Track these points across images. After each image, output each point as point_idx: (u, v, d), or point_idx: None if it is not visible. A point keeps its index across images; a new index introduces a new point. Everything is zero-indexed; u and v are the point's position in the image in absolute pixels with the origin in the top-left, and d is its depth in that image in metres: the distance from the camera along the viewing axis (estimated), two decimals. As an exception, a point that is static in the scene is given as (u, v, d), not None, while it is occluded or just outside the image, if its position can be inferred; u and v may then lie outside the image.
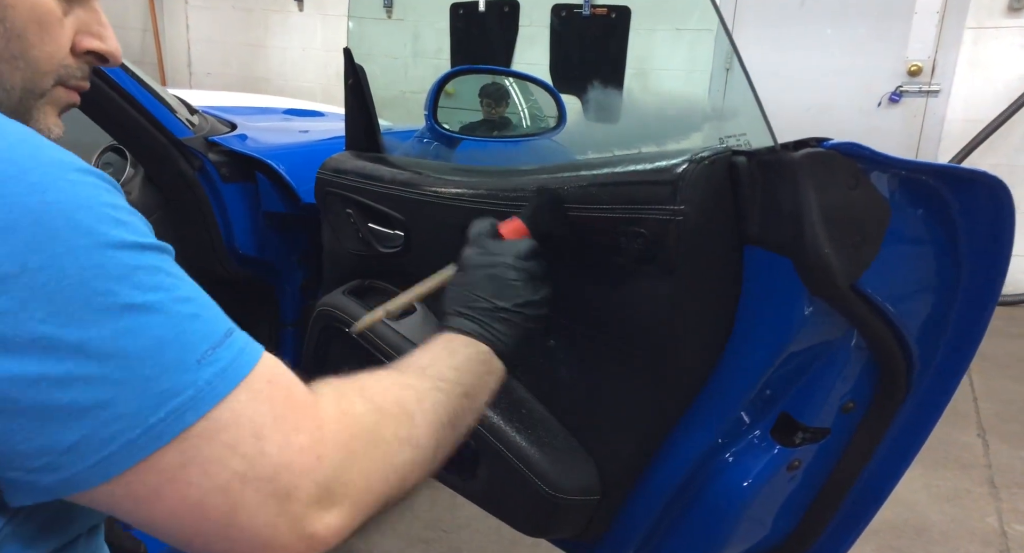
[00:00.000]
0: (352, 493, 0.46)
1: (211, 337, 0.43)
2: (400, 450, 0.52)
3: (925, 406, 0.78)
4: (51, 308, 0.37)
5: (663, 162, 0.67)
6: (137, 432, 0.39)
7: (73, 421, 0.38)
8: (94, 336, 0.38)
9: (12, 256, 0.37)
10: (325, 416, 0.47)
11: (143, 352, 0.39)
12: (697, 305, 0.70)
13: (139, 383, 0.39)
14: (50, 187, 0.39)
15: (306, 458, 0.44)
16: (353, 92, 1.14)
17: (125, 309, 0.39)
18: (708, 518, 0.82)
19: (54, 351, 0.37)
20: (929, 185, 0.62)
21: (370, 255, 1.15)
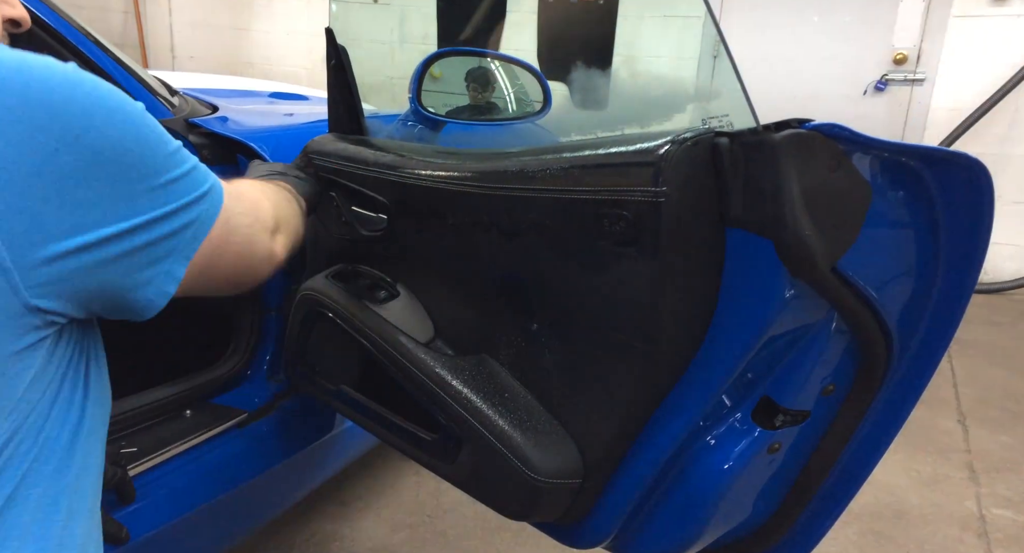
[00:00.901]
0: (284, 225, 0.82)
1: (200, 179, 0.61)
2: (295, 214, 0.92)
3: (904, 388, 0.79)
4: (126, 174, 0.54)
5: (645, 144, 0.66)
6: (201, 214, 0.60)
7: (168, 221, 0.58)
8: (162, 176, 0.57)
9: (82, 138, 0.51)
10: (252, 187, 0.82)
11: (191, 180, 0.60)
12: (679, 287, 0.70)
13: (196, 189, 0.60)
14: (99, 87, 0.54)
15: (263, 205, 0.77)
16: (335, 73, 1.13)
17: (171, 154, 0.58)
18: (689, 500, 0.83)
19: (139, 193, 0.55)
20: (909, 167, 0.62)
21: (354, 239, 1.14)
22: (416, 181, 0.96)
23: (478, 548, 1.68)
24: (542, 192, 0.78)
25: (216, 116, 1.43)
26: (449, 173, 0.91)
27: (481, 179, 0.85)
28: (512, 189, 0.81)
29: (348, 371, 1.17)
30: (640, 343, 0.75)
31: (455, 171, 0.90)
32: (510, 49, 2.81)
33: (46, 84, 0.48)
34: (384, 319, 1.04)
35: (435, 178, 0.93)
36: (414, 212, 1.00)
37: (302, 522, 1.75)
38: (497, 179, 0.83)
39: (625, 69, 2.90)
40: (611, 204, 0.69)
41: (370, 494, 1.88)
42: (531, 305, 0.88)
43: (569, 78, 1.56)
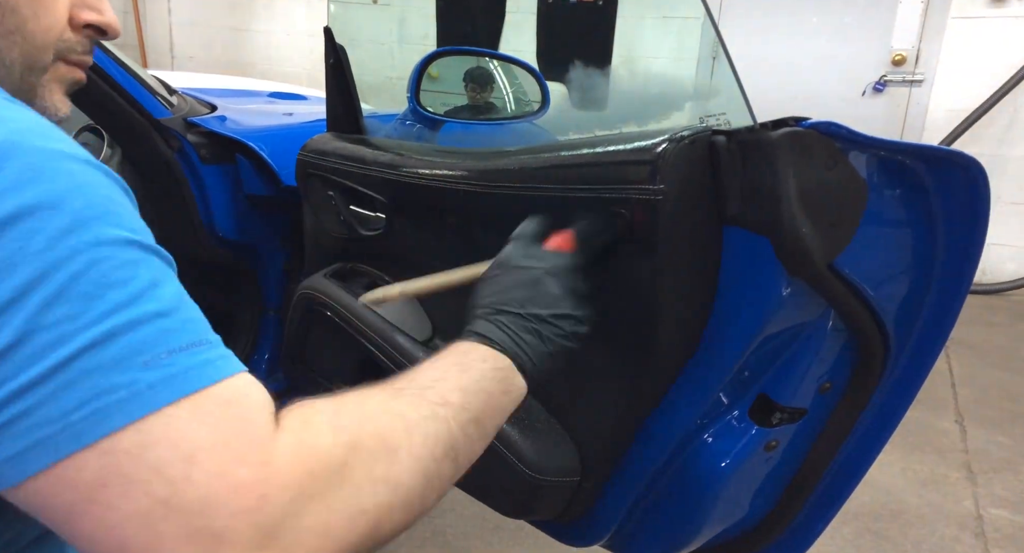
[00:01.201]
0: (306, 540, 0.39)
1: (171, 341, 0.39)
2: (373, 491, 0.44)
3: (900, 387, 0.79)
4: (10, 282, 0.36)
5: (642, 142, 0.66)
6: (56, 427, 0.35)
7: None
8: (38, 321, 0.36)
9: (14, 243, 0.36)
10: (280, 449, 0.40)
11: (84, 343, 0.36)
12: (677, 285, 0.70)
13: (74, 377, 0.36)
14: (77, 174, 0.39)
15: (244, 496, 0.37)
16: (334, 72, 1.13)
17: (82, 296, 0.37)
18: (687, 499, 0.83)
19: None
20: (906, 165, 0.63)
21: (352, 238, 1.14)
22: (415, 180, 0.96)
23: (476, 547, 1.68)
24: (540, 190, 0.78)
25: (215, 115, 1.44)
26: (448, 172, 0.91)
27: (480, 177, 0.86)
28: (510, 187, 0.82)
29: (346, 370, 1.17)
30: (638, 341, 0.75)
31: (454, 170, 0.90)
32: (509, 50, 2.81)
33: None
34: (382, 318, 1.04)
35: (434, 177, 0.93)
36: (413, 211, 1.01)
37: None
38: (496, 177, 0.83)
39: (624, 69, 2.90)
40: (609, 202, 0.69)
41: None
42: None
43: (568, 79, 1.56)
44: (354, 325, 1.06)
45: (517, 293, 0.64)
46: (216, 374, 0.40)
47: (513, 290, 0.64)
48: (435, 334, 1.06)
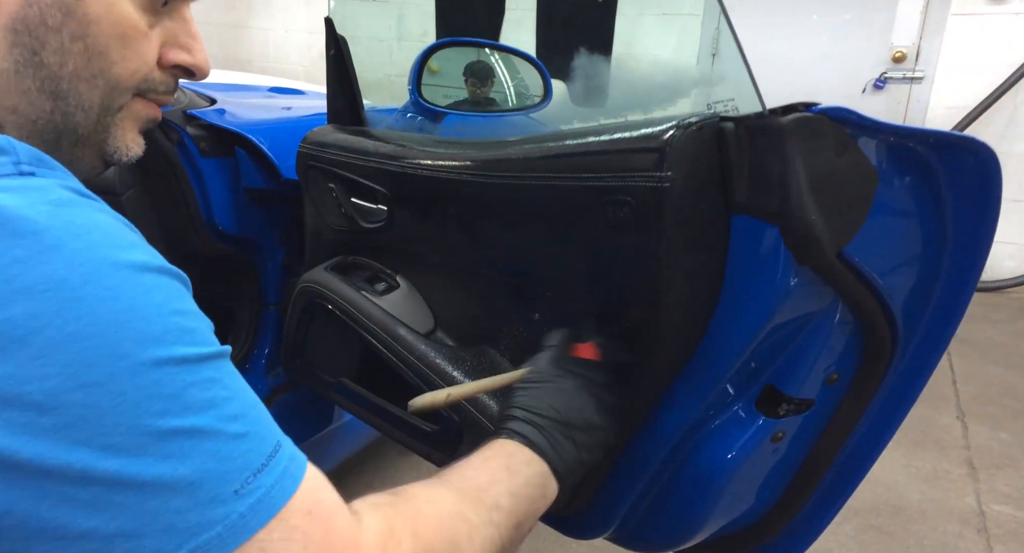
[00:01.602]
0: None
1: (255, 461, 0.40)
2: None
3: (908, 378, 0.78)
4: (96, 430, 0.35)
5: (649, 129, 0.66)
6: (203, 536, 0.37)
7: (94, 547, 0.36)
8: (134, 465, 0.36)
9: (70, 368, 0.35)
10: (373, 534, 0.44)
11: (180, 483, 0.37)
12: (683, 275, 0.69)
13: (168, 516, 0.36)
14: (123, 294, 0.38)
15: None
16: (335, 63, 1.12)
17: (171, 434, 0.37)
18: (692, 491, 0.82)
19: (88, 477, 0.35)
20: (916, 151, 0.62)
21: (353, 230, 1.13)
22: (417, 171, 0.95)
23: (477, 543, 1.68)
24: (544, 180, 0.77)
25: (214, 108, 1.43)
26: (450, 162, 0.90)
27: (483, 168, 0.85)
28: (514, 177, 0.81)
29: (347, 363, 1.16)
30: (643, 332, 0.74)
31: (456, 160, 0.90)
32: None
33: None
34: (384, 310, 1.03)
35: (436, 168, 0.93)
36: (414, 202, 1.00)
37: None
38: (499, 168, 0.83)
39: (627, 58, 2.87)
40: (614, 191, 0.68)
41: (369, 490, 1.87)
42: (533, 295, 0.87)
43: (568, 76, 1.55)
44: (356, 318, 1.05)
45: (556, 401, 0.68)
46: (293, 484, 0.41)
47: (552, 397, 0.69)
48: (437, 326, 1.06)
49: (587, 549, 1.65)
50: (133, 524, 0.36)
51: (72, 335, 0.35)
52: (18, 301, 0.35)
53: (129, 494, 0.36)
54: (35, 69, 0.47)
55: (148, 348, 0.37)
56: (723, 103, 0.64)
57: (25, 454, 0.34)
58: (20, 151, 0.41)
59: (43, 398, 0.34)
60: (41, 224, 0.37)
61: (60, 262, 0.36)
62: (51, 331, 0.35)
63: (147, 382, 0.37)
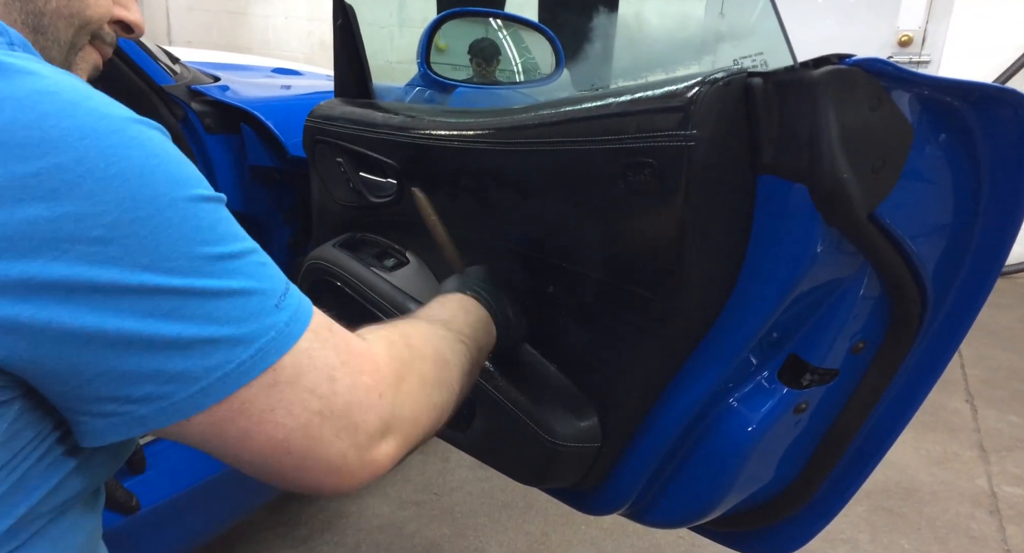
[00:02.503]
0: (404, 426, 0.52)
1: (280, 284, 0.46)
2: (440, 391, 0.59)
3: (935, 349, 0.76)
4: (156, 256, 0.40)
5: (673, 86, 0.63)
6: (231, 366, 0.43)
7: (178, 352, 0.41)
8: (198, 282, 0.42)
9: (123, 205, 0.40)
10: (380, 360, 0.52)
11: (238, 294, 0.43)
12: (705, 240, 0.67)
13: (233, 324, 0.43)
14: (146, 142, 0.42)
15: (371, 396, 0.49)
16: (342, 34, 1.10)
17: (218, 258, 0.43)
18: (711, 465, 0.80)
19: (163, 291, 0.41)
20: (952, 106, 0.60)
21: (361, 206, 1.11)
22: (428, 142, 0.93)
23: (485, 525, 1.66)
24: (561, 145, 0.75)
25: (218, 85, 1.41)
26: (463, 131, 0.88)
27: (496, 135, 0.83)
28: (529, 144, 0.79)
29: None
30: (663, 300, 0.72)
31: (469, 129, 0.87)
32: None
33: (43, 120, 0.39)
34: (394, 286, 1.01)
35: (448, 137, 0.90)
36: (425, 174, 0.98)
37: (309, 500, 1.73)
38: (513, 134, 0.80)
39: (636, 21, 2.79)
40: (635, 152, 0.66)
41: (375, 473, 1.86)
42: (548, 266, 0.85)
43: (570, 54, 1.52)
44: (366, 295, 1.03)
45: (487, 283, 0.84)
46: (309, 307, 0.49)
47: (485, 280, 0.84)
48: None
49: (596, 529, 1.64)
50: (207, 330, 0.42)
51: (116, 176, 0.40)
52: (62, 149, 0.39)
53: (203, 301, 0.42)
54: (23, 3, 0.52)
55: (180, 187, 0.43)
56: (751, 57, 0.62)
57: (104, 278, 0.39)
58: (12, 34, 0.47)
59: (104, 232, 0.39)
60: (56, 82, 0.41)
61: (85, 116, 0.40)
62: (98, 173, 0.39)
63: (187, 215, 0.42)
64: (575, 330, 0.84)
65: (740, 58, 0.63)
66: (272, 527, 1.64)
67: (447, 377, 0.61)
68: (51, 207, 0.38)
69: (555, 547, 1.59)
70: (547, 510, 1.68)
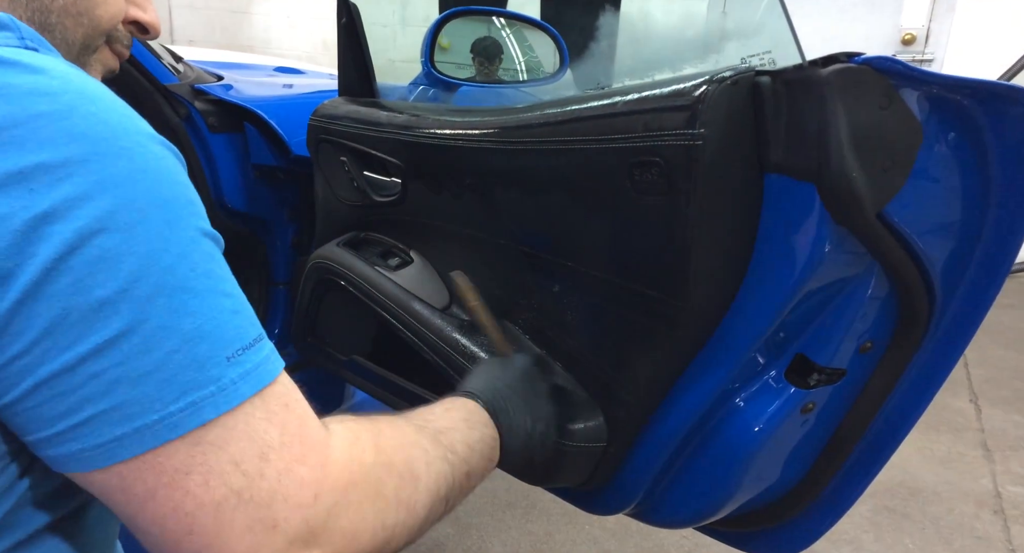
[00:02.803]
0: (337, 541, 0.44)
1: (244, 338, 0.42)
2: (396, 510, 0.49)
3: (942, 349, 0.76)
4: (113, 272, 0.37)
5: (680, 85, 0.63)
6: (154, 418, 0.38)
7: (98, 394, 0.37)
8: (144, 312, 0.38)
9: (95, 214, 0.37)
10: (333, 457, 0.44)
11: (182, 337, 0.39)
12: (713, 239, 0.67)
13: (170, 369, 0.38)
14: (138, 155, 0.40)
15: (303, 493, 0.42)
16: (346, 32, 1.10)
17: (176, 290, 0.39)
18: (717, 465, 0.80)
19: (102, 319, 0.37)
20: (961, 104, 0.59)
21: (365, 205, 1.11)
22: (432, 141, 0.93)
23: (488, 524, 1.66)
24: (567, 144, 0.75)
25: (221, 84, 1.40)
26: (468, 131, 0.88)
27: (502, 134, 0.82)
28: (535, 143, 0.79)
29: (360, 341, 1.15)
30: (669, 300, 0.72)
31: (474, 128, 0.87)
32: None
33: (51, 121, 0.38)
34: (398, 285, 1.01)
35: (453, 137, 0.90)
36: (430, 173, 0.97)
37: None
38: (519, 133, 0.80)
39: (640, 18, 2.77)
40: (642, 151, 0.66)
41: (378, 473, 1.86)
42: (553, 265, 0.85)
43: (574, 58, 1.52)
44: (370, 294, 1.03)
45: (523, 386, 0.75)
46: (275, 370, 0.43)
47: (515, 377, 0.76)
48: (452, 301, 1.04)
49: (599, 529, 1.64)
50: (137, 371, 0.37)
51: (97, 184, 0.38)
52: (48, 149, 0.37)
53: (137, 340, 0.38)
54: (28, 0, 0.50)
55: (166, 207, 0.40)
56: (759, 56, 0.62)
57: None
58: (23, 29, 0.44)
59: (73, 237, 0.37)
60: (64, 83, 0.39)
61: (80, 120, 0.38)
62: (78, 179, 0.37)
63: (162, 238, 0.39)
64: (581, 329, 0.84)
65: (748, 56, 0.62)
66: (275, 526, 1.64)
67: (410, 497, 0.51)
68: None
69: (558, 547, 1.59)
70: (550, 510, 1.68)
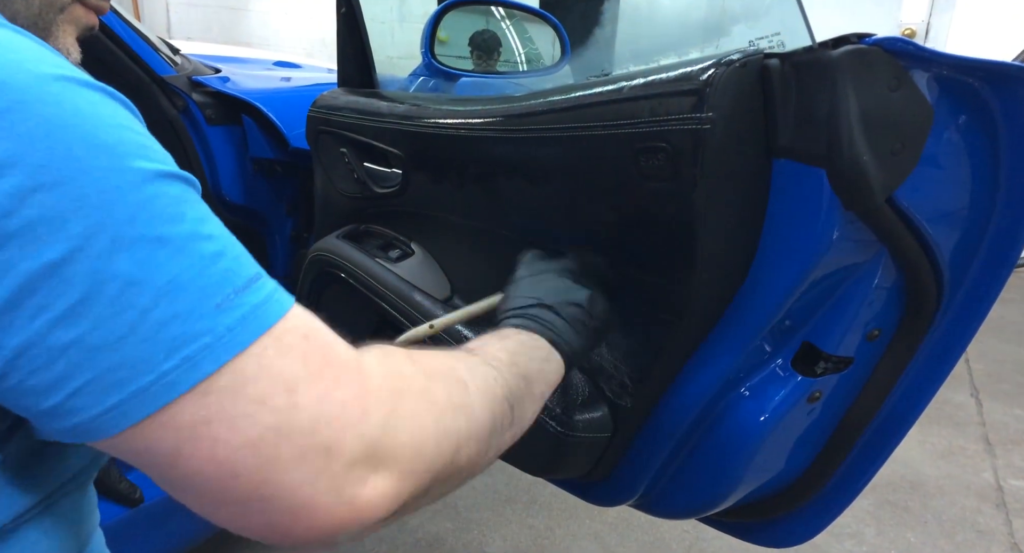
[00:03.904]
0: (401, 456, 0.40)
1: (234, 280, 0.38)
2: (455, 416, 0.45)
3: (950, 337, 0.75)
4: (60, 232, 0.33)
5: (687, 69, 0.62)
6: (148, 379, 0.35)
7: (80, 362, 0.34)
8: (105, 269, 0.34)
9: (26, 171, 0.33)
10: (370, 371, 0.41)
11: (156, 292, 0.35)
12: (720, 225, 0.66)
13: (151, 327, 0.35)
14: (67, 100, 0.35)
15: (349, 411, 0.39)
16: (346, 22, 1.09)
17: (139, 241, 0.35)
18: (722, 455, 0.79)
19: (61, 283, 0.33)
20: (972, 86, 0.58)
21: (366, 196, 1.10)
22: (434, 130, 0.92)
23: (489, 519, 1.66)
24: (572, 130, 0.74)
25: (219, 76, 1.40)
26: (470, 119, 0.87)
27: (505, 122, 0.81)
28: (539, 130, 0.78)
29: (361, 333, 1.14)
30: (676, 287, 0.71)
31: (477, 117, 0.86)
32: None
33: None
34: (400, 277, 1.00)
35: (455, 126, 0.89)
36: (431, 163, 0.96)
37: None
38: (523, 121, 0.79)
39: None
40: (649, 137, 0.65)
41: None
42: (556, 254, 0.84)
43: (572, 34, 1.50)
44: (370, 286, 1.02)
45: (531, 291, 0.71)
46: (280, 309, 0.39)
47: (526, 292, 0.71)
48: (454, 293, 1.03)
49: (600, 523, 1.63)
50: (115, 334, 0.34)
51: (22, 137, 0.33)
52: None
53: (106, 303, 0.34)
54: None
55: (106, 153, 0.35)
56: (767, 38, 0.61)
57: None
58: None
59: (4, 201, 0.33)
60: None
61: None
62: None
63: (108, 187, 0.35)
64: None
65: (756, 39, 0.61)
66: (275, 522, 1.63)
67: (467, 402, 0.47)
68: None
69: (559, 541, 1.58)
70: (551, 504, 1.67)
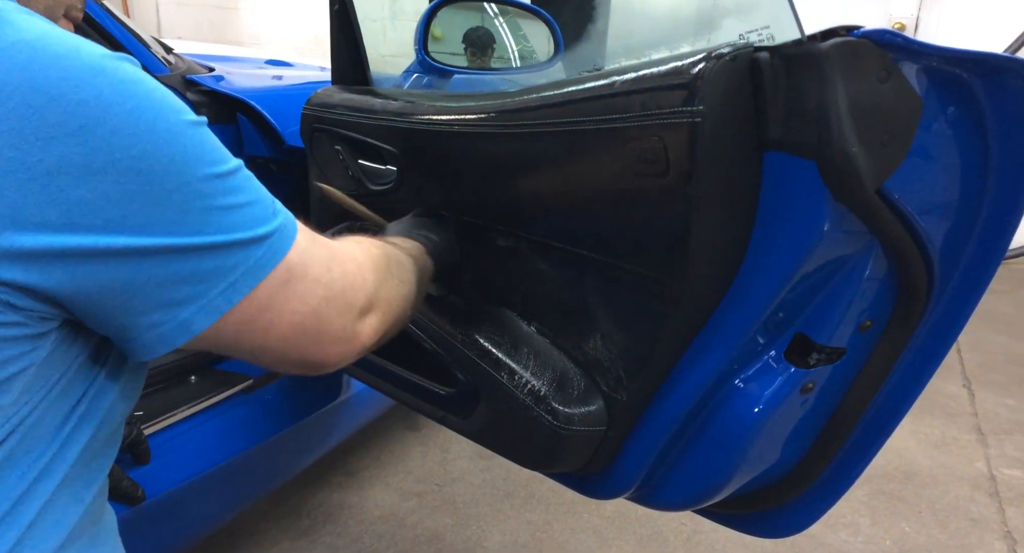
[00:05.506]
0: (382, 305, 0.62)
1: (267, 193, 0.52)
2: (401, 284, 0.69)
3: (941, 327, 0.76)
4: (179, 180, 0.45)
5: (677, 63, 0.63)
6: (250, 263, 0.49)
7: (207, 253, 0.47)
8: (212, 201, 0.47)
9: (116, 147, 0.42)
10: (357, 253, 0.62)
11: (244, 207, 0.49)
12: (711, 219, 0.67)
13: (245, 229, 0.48)
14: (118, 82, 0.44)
15: (358, 279, 0.58)
16: (339, 19, 1.09)
17: (220, 177, 0.47)
18: (717, 447, 0.80)
19: (187, 211, 0.46)
20: (960, 77, 0.59)
21: (361, 193, 1.10)
22: (428, 127, 0.92)
23: (487, 514, 1.66)
24: (565, 125, 0.74)
25: (213, 75, 1.39)
26: (464, 115, 0.87)
27: (498, 118, 0.82)
28: (531, 125, 0.78)
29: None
30: (668, 280, 0.72)
31: (470, 113, 0.87)
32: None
33: (56, 62, 0.41)
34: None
35: (449, 122, 0.90)
36: (426, 160, 0.97)
37: (310, 492, 1.73)
38: (516, 116, 0.80)
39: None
40: (641, 131, 0.66)
41: (377, 464, 1.86)
42: (550, 249, 0.85)
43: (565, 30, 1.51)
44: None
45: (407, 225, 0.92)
46: (294, 218, 0.54)
47: (405, 226, 0.92)
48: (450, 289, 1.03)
49: (598, 517, 1.64)
50: (229, 235, 0.48)
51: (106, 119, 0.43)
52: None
53: (222, 214, 0.47)
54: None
55: (173, 113, 0.46)
56: (757, 31, 0.61)
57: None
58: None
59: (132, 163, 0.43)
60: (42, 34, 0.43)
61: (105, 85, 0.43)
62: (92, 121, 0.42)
63: (193, 141, 0.47)
64: (579, 313, 0.84)
65: (746, 32, 0.62)
66: (275, 519, 1.63)
67: (406, 276, 0.71)
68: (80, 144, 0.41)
69: (557, 536, 1.59)
70: (549, 499, 1.68)
